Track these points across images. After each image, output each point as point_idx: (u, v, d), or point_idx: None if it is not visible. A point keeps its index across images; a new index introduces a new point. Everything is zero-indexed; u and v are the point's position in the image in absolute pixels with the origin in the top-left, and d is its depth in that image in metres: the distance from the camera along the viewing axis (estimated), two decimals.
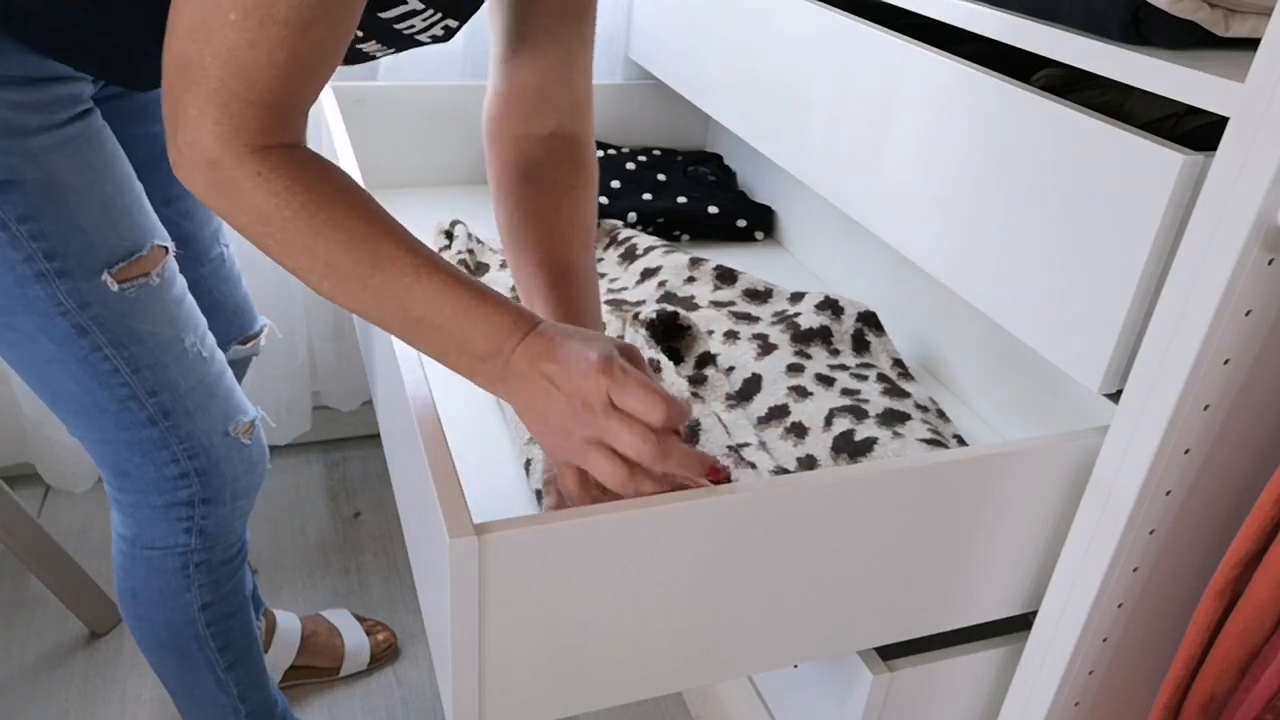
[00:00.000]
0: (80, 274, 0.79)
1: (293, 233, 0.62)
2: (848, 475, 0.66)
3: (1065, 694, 0.78)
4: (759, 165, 1.42)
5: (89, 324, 0.81)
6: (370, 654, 1.36)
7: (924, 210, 0.84)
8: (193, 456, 0.89)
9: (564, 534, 0.60)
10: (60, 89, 0.77)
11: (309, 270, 0.63)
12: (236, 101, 0.59)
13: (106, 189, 0.80)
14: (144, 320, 0.83)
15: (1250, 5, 0.65)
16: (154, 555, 0.94)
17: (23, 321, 0.80)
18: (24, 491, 1.60)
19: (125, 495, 0.92)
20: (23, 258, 0.77)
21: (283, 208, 0.61)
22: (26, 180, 0.75)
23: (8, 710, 1.27)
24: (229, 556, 0.98)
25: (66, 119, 0.77)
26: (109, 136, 0.82)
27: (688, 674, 0.71)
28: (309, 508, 1.66)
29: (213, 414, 0.90)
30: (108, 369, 0.83)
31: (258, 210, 0.62)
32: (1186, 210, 0.62)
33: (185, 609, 0.97)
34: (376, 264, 0.63)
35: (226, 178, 0.61)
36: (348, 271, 0.63)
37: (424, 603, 0.76)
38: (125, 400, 0.84)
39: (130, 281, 0.82)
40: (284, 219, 0.62)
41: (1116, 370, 0.68)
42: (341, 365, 1.70)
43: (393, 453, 0.93)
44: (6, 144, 0.74)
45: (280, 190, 0.61)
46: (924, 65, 0.82)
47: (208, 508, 0.92)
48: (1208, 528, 0.73)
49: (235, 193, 0.61)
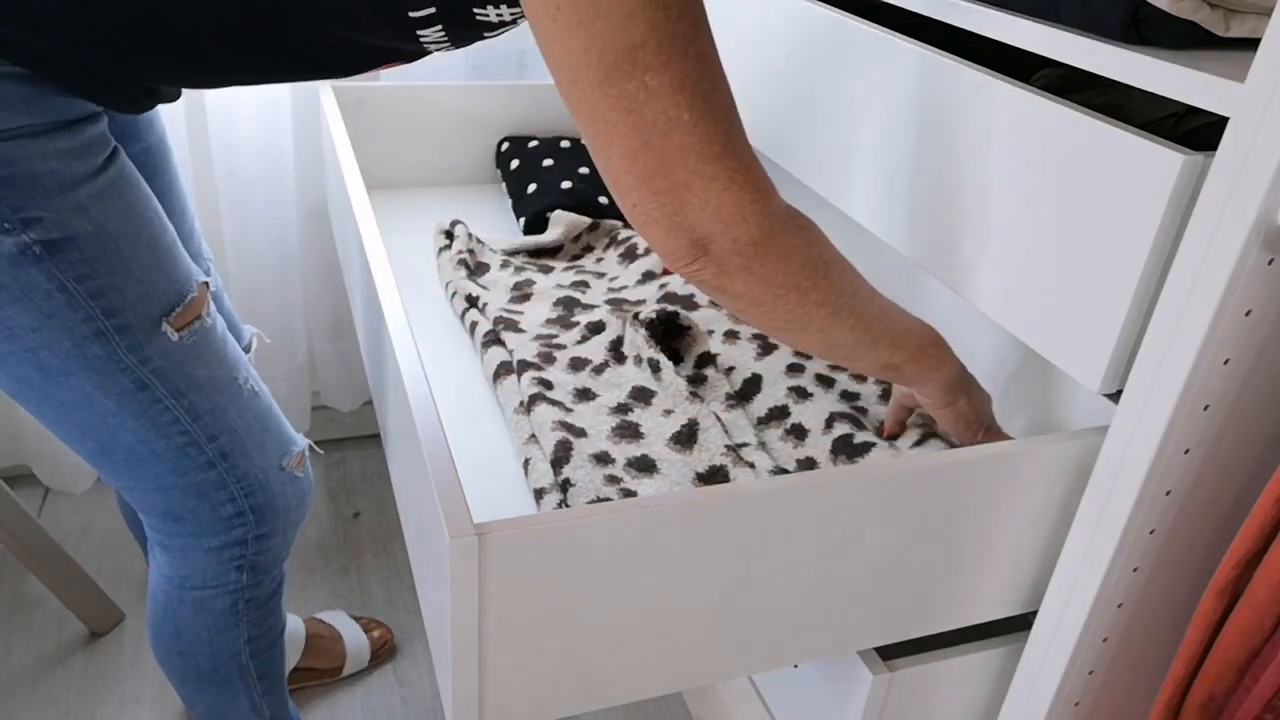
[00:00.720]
0: (139, 328, 0.76)
1: (833, 279, 0.65)
2: (848, 475, 0.66)
3: (1065, 694, 0.78)
4: None
5: (149, 378, 0.78)
6: (370, 652, 1.36)
7: (923, 210, 0.84)
8: (249, 494, 0.87)
9: (564, 534, 0.60)
10: (93, 129, 0.73)
11: (839, 311, 0.66)
12: (741, 172, 0.59)
13: (152, 231, 0.78)
14: (201, 366, 0.81)
15: (1250, 5, 0.65)
16: (204, 596, 0.92)
17: (78, 382, 0.76)
18: (24, 492, 1.60)
19: (176, 539, 0.89)
20: (81, 319, 0.73)
21: (823, 255, 0.64)
22: (80, 236, 0.72)
23: (8, 710, 1.27)
24: (274, 589, 0.97)
25: (104, 162, 0.74)
26: (137, 173, 0.79)
27: (688, 674, 0.71)
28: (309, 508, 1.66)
29: (269, 450, 0.88)
30: (167, 419, 0.80)
31: (809, 266, 0.63)
32: (1186, 210, 0.62)
33: (232, 643, 0.96)
34: (873, 293, 0.70)
35: (781, 247, 0.61)
36: (858, 300, 0.68)
37: (424, 603, 0.76)
38: (185, 448, 0.82)
39: (187, 328, 0.79)
40: (827, 267, 0.64)
41: (1116, 370, 0.68)
42: (341, 365, 1.70)
43: (393, 453, 0.93)
44: (59, 200, 0.70)
45: (816, 239, 0.64)
46: (924, 65, 0.82)
47: (260, 543, 0.90)
48: (1208, 528, 0.73)
49: (789, 259, 0.62)
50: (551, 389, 0.89)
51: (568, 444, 0.81)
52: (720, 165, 0.58)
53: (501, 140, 1.46)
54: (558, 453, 0.80)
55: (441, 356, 1.02)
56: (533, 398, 0.88)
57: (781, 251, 0.61)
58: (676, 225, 0.59)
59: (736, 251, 0.60)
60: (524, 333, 1.01)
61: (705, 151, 0.57)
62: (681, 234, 0.59)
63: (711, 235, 0.60)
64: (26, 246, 0.69)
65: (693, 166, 0.57)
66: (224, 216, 1.49)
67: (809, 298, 0.64)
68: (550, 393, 0.89)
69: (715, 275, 0.61)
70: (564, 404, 0.88)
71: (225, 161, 1.45)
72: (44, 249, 0.70)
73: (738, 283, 0.62)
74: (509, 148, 1.42)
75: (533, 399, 0.87)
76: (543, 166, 1.36)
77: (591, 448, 0.83)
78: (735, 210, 0.59)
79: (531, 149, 1.40)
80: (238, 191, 1.47)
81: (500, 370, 0.95)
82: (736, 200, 0.59)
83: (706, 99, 0.57)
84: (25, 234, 0.69)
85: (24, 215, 0.69)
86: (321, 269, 1.61)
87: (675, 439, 0.85)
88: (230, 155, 1.44)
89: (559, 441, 0.81)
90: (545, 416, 0.85)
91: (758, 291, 0.63)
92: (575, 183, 1.30)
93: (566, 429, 0.83)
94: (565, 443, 0.81)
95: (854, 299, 0.68)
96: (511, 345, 0.98)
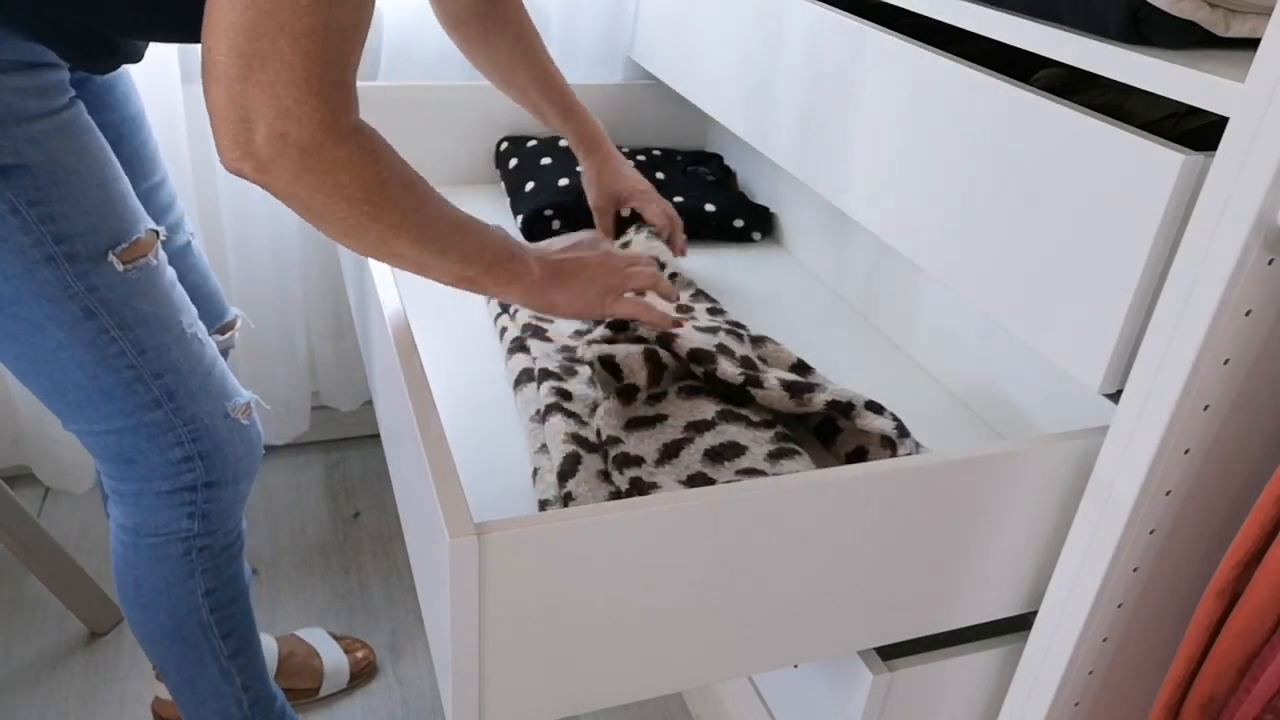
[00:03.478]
0: (87, 256, 0.80)
1: (390, 196, 0.67)
2: (848, 475, 0.66)
3: (1065, 694, 0.78)
4: (759, 165, 1.42)
5: (97, 306, 0.82)
6: (350, 673, 1.34)
7: (924, 210, 0.84)
8: (196, 439, 0.91)
9: (564, 534, 0.60)
10: (52, 75, 0.78)
11: (398, 225, 0.69)
12: (327, 85, 0.60)
13: (104, 173, 0.82)
14: (146, 302, 0.85)
15: (1250, 5, 0.65)
16: (157, 543, 0.95)
17: (30, 310, 0.80)
18: (24, 492, 1.60)
19: (128, 484, 0.92)
20: (32, 242, 0.78)
21: (381, 173, 0.66)
22: (33, 164, 0.76)
23: (8, 710, 1.27)
24: (229, 542, 0.99)
25: (61, 105, 0.79)
26: (94, 125, 0.83)
27: (688, 674, 0.71)
28: (309, 508, 1.66)
29: (213, 395, 0.92)
30: (114, 351, 0.84)
31: (362, 181, 0.64)
32: (1186, 210, 0.62)
33: (189, 595, 0.98)
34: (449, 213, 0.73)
35: (330, 157, 0.62)
36: (429, 216, 0.71)
37: (424, 603, 0.76)
38: (131, 383, 0.86)
39: (133, 263, 0.83)
40: (383, 184, 0.66)
41: (1116, 370, 0.68)
42: (341, 365, 1.70)
43: (393, 453, 0.93)
44: (13, 130, 0.75)
45: (379, 157, 0.66)
46: (924, 65, 0.82)
47: (210, 491, 0.94)
48: (1208, 528, 0.73)
49: (338, 170, 0.63)
50: (570, 400, 0.89)
51: (576, 457, 0.81)
52: (303, 59, 0.58)
53: (500, 140, 1.46)
54: (564, 466, 0.80)
55: (441, 356, 1.02)
56: (549, 407, 0.87)
57: (330, 162, 0.62)
58: (236, 93, 0.59)
59: (281, 149, 0.61)
60: (551, 342, 1.01)
61: (299, 42, 0.58)
62: (235, 104, 0.59)
63: (260, 119, 0.60)
64: None
65: (280, 45, 0.58)
66: (224, 217, 1.49)
67: (360, 209, 0.66)
68: (568, 404, 0.88)
69: (256, 169, 0.62)
70: (580, 416, 0.88)
71: None
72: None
73: (282, 182, 0.63)
74: (508, 147, 1.43)
75: (548, 409, 0.87)
76: (540, 165, 1.36)
77: (601, 465, 0.82)
78: (294, 106, 0.59)
79: (530, 148, 1.41)
80: (238, 192, 1.47)
81: (521, 377, 0.95)
82: (299, 98, 0.59)
83: (334, 3, 0.58)
84: None
85: None
86: (321, 269, 1.61)
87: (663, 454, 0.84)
88: None
89: (568, 455, 0.81)
90: (558, 428, 0.85)
91: (306, 196, 0.64)
92: (572, 179, 1.30)
93: (578, 442, 0.83)
94: (574, 456, 0.81)
95: (417, 215, 0.70)
96: (535, 353, 0.98)
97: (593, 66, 1.57)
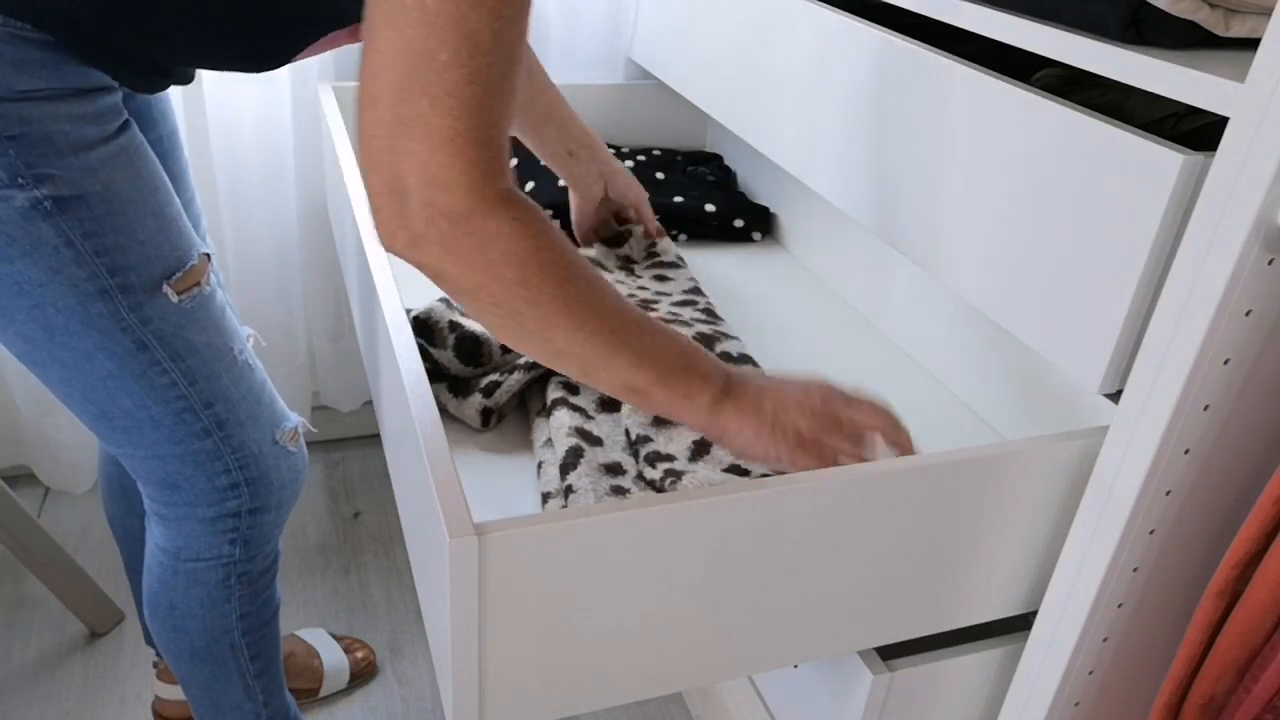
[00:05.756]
0: (141, 288, 0.78)
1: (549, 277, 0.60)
2: (848, 475, 0.66)
3: (1065, 694, 0.78)
4: (759, 165, 1.42)
5: (149, 338, 0.80)
6: (350, 673, 1.34)
7: (924, 210, 0.84)
8: (244, 466, 0.89)
9: (564, 534, 0.60)
10: (106, 99, 0.76)
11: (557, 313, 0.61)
12: (472, 145, 0.55)
13: (159, 198, 0.80)
14: (199, 331, 0.83)
15: (1250, 5, 0.65)
16: (197, 568, 0.93)
17: (81, 340, 0.78)
18: (24, 492, 1.60)
19: (171, 509, 0.90)
20: (86, 275, 0.76)
21: (539, 250, 0.59)
22: (89, 195, 0.75)
23: (8, 710, 1.27)
24: (267, 566, 0.98)
25: (115, 130, 0.77)
26: (146, 145, 0.81)
27: (688, 674, 0.71)
28: (309, 508, 1.66)
29: (262, 422, 0.89)
30: (166, 382, 0.82)
31: (516, 257, 0.58)
32: (1186, 210, 0.62)
33: (224, 619, 0.96)
34: (620, 306, 0.64)
35: (480, 230, 0.57)
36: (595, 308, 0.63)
37: (424, 603, 0.76)
38: (181, 413, 0.84)
39: (187, 292, 0.82)
40: (540, 263, 0.59)
41: (1116, 370, 0.68)
42: (341, 365, 1.70)
43: (393, 453, 0.93)
44: (70, 160, 0.73)
45: (535, 233, 0.59)
46: (925, 65, 0.82)
47: (254, 518, 0.92)
48: (1208, 528, 0.73)
49: (489, 245, 0.58)
50: (576, 394, 0.89)
51: (579, 450, 0.81)
52: (445, 118, 0.54)
53: None
54: (567, 459, 0.80)
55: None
56: (555, 402, 0.88)
57: (481, 235, 0.57)
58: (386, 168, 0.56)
59: (430, 220, 0.56)
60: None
61: (441, 102, 0.54)
62: (387, 181, 0.56)
63: (411, 192, 0.56)
64: (38, 201, 0.72)
65: (423, 109, 0.54)
66: (224, 216, 1.49)
67: (515, 292, 0.59)
68: (574, 398, 0.89)
69: (408, 245, 0.58)
70: (586, 410, 0.88)
71: (226, 162, 1.44)
72: (54, 205, 0.73)
73: (433, 257, 0.58)
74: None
75: (555, 403, 0.88)
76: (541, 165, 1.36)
77: (604, 458, 0.83)
78: (438, 172, 0.55)
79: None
80: (238, 192, 1.47)
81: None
82: (444, 162, 0.55)
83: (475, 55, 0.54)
84: (37, 189, 0.72)
85: (37, 171, 0.72)
86: (321, 269, 1.61)
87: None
88: (231, 155, 1.44)
89: (571, 448, 0.81)
90: (563, 422, 0.85)
91: (456, 273, 0.59)
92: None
93: (582, 436, 0.83)
94: (577, 449, 0.81)
95: (579, 303, 0.62)
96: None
97: (593, 67, 1.57)
